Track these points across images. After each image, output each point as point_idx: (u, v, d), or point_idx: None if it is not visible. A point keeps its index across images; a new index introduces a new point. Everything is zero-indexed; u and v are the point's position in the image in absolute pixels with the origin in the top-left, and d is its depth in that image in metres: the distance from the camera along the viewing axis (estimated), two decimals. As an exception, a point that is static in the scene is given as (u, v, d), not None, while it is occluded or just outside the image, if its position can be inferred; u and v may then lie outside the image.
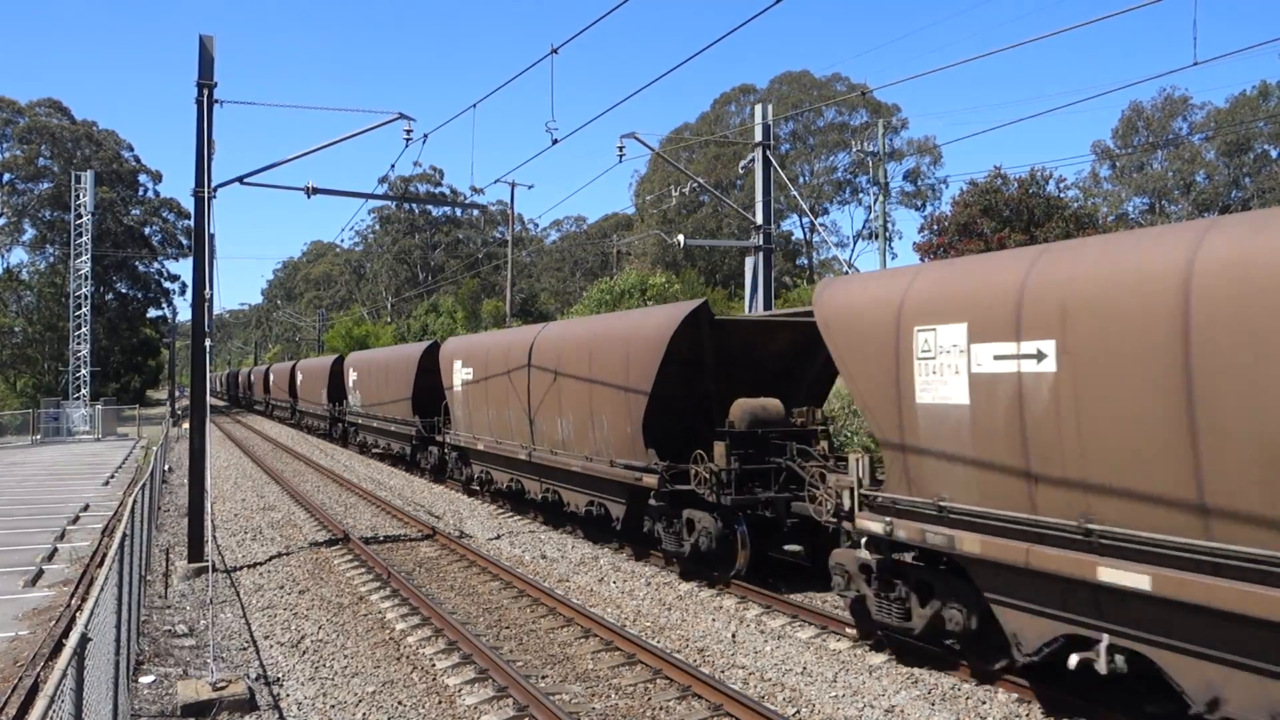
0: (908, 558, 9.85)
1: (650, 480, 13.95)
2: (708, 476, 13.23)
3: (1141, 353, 6.94)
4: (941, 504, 8.79)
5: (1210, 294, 6.52)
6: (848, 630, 10.90)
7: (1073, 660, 7.57)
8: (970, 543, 8.49)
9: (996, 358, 8.19)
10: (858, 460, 10.18)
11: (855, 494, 10.05)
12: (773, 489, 13.34)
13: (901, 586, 9.75)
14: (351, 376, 36.42)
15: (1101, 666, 7.40)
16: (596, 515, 16.26)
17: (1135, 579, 7.03)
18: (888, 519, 9.49)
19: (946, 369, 8.69)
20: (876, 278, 10.98)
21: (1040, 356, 7.77)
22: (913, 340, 9.06)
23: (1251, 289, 6.31)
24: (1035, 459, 7.84)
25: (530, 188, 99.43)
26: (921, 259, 46.50)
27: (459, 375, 22.13)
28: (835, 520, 10.85)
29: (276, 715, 8.96)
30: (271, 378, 65.02)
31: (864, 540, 10.02)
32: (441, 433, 24.93)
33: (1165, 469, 6.81)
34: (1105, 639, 7.45)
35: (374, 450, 34.72)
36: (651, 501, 14.64)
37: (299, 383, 50.18)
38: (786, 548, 14.58)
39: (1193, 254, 6.75)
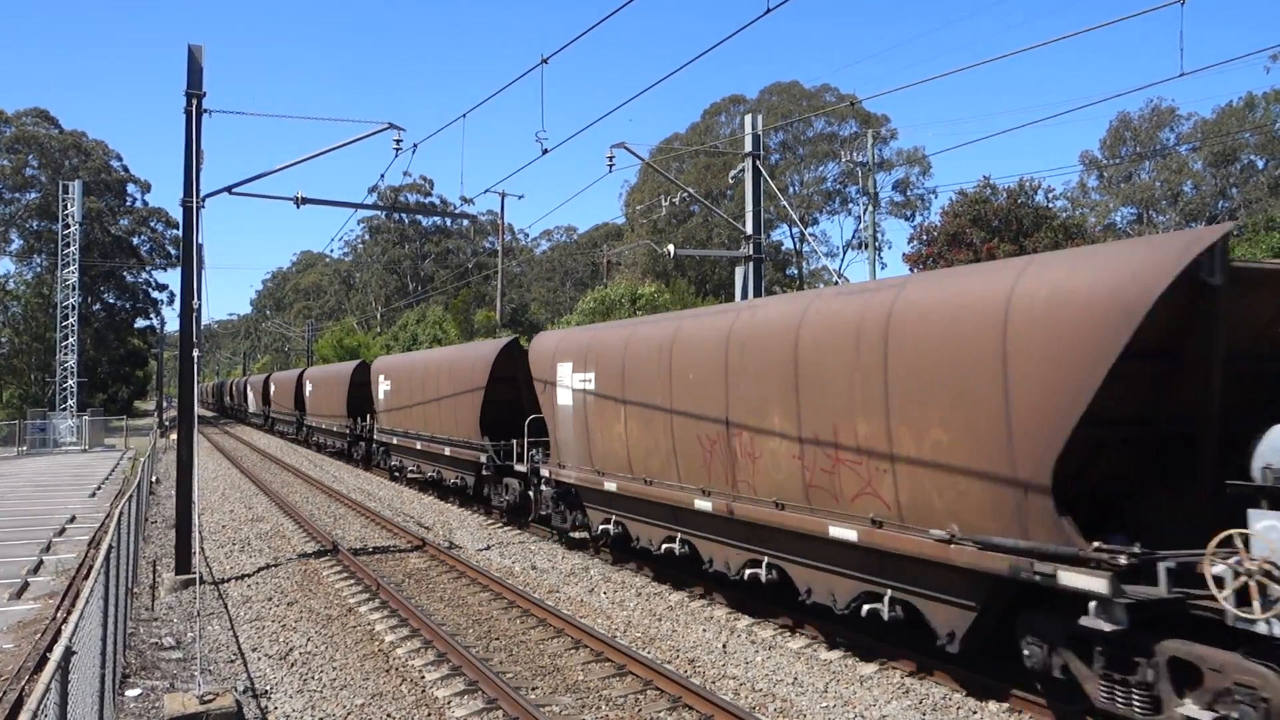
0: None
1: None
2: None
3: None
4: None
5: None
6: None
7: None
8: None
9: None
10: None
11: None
12: None
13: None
14: (576, 382, 15.86)
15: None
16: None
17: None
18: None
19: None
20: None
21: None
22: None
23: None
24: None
25: (520, 198, 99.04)
26: (911, 269, 46.66)
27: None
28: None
29: (264, 728, 8.88)
30: (308, 386, 43.16)
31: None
32: None
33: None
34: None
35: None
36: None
37: (382, 396, 28.69)
38: None
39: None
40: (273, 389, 55.36)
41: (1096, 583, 7.31)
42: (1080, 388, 7.40)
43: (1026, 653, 8.37)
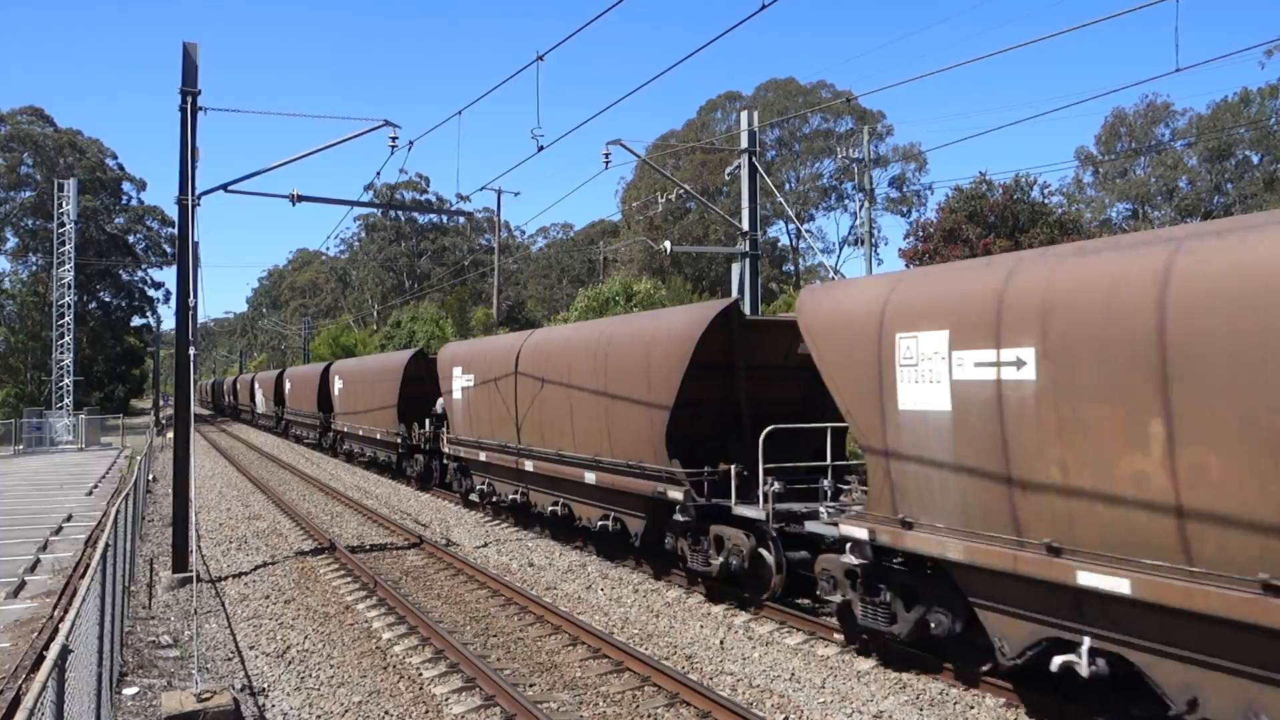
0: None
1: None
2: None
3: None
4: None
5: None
6: (835, 635, 11.06)
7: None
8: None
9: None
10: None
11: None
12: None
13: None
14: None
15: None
16: None
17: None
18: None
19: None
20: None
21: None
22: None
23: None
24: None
25: (516, 195, 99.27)
26: (907, 265, 46.68)
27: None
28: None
29: (262, 726, 8.89)
30: (338, 383, 35.27)
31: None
32: None
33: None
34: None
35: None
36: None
37: (458, 395, 21.73)
38: None
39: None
40: (288, 386, 47.97)
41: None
42: None
43: None
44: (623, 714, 9.01)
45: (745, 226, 21.95)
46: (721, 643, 11.27)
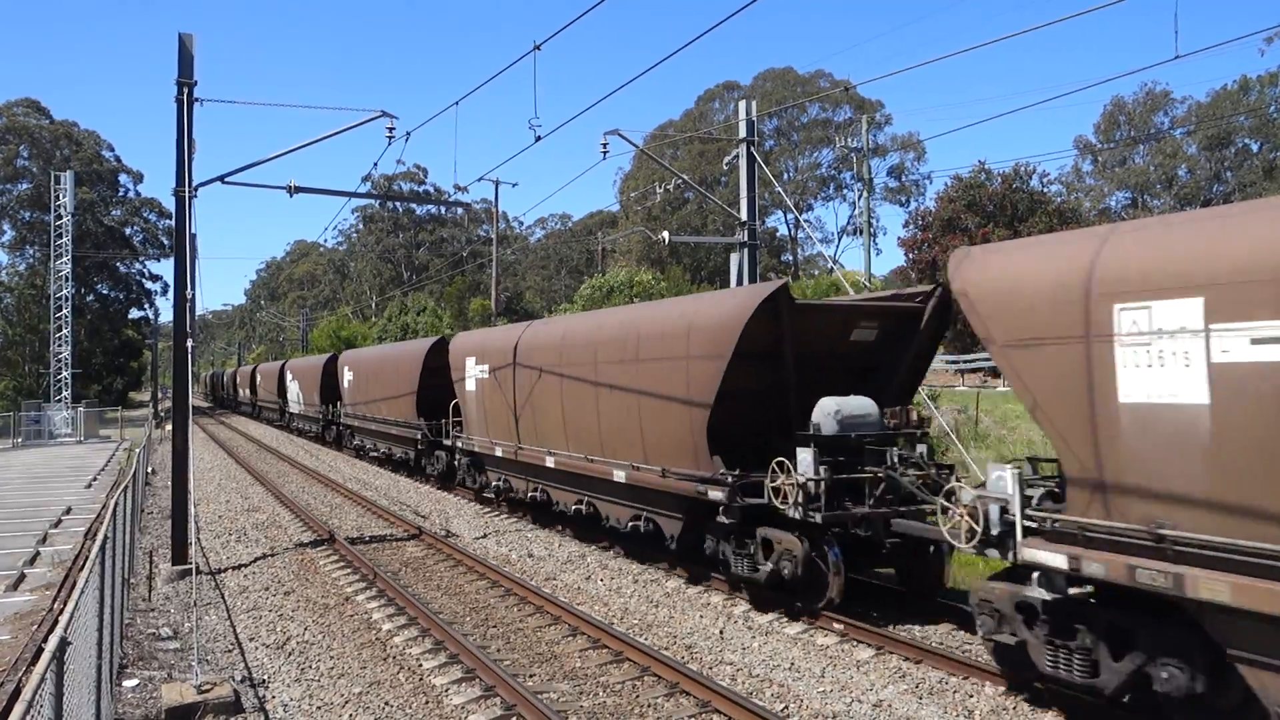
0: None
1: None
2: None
3: None
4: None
5: None
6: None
7: None
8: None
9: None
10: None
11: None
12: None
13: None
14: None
15: None
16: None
17: None
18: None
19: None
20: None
21: None
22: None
23: None
24: None
25: (514, 186, 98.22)
26: (907, 254, 46.65)
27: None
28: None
29: (262, 717, 8.89)
30: (478, 373, 19.91)
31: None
32: None
33: None
34: None
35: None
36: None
37: None
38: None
39: None
40: (348, 378, 33.00)
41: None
42: None
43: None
44: (622, 704, 9.02)
45: (743, 216, 21.90)
46: (721, 632, 11.29)
